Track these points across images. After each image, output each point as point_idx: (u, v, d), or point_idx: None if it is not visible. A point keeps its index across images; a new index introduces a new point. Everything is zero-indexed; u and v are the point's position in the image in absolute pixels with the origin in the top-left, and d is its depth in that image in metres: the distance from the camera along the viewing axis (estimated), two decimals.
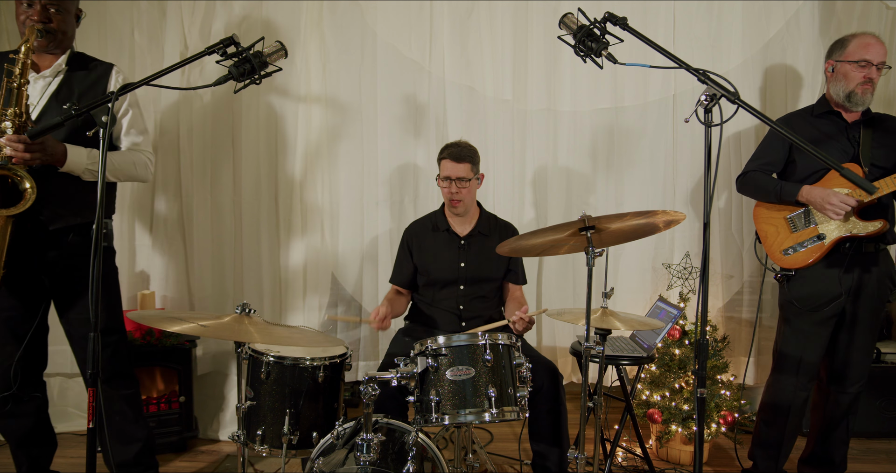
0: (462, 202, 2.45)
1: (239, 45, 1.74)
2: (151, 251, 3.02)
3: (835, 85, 2.33)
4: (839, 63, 2.31)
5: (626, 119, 3.12)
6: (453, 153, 2.41)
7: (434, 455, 1.78)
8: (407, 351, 1.89)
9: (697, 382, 1.54)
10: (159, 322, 1.70)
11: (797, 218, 2.36)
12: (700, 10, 3.05)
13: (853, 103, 2.29)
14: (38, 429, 2.26)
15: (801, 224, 2.35)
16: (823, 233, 2.29)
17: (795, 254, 2.34)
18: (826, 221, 2.29)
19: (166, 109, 2.97)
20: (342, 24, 3.00)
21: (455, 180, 2.41)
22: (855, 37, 2.30)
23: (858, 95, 2.27)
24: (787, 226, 2.38)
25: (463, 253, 2.51)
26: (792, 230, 2.37)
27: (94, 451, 1.55)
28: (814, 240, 2.31)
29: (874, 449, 2.93)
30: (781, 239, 2.39)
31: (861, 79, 2.26)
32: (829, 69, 2.36)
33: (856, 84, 2.27)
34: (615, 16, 1.70)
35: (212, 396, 3.05)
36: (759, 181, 2.42)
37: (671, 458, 2.80)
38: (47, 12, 2.04)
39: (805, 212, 2.34)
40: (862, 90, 2.27)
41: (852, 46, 2.28)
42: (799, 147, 1.57)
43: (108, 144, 1.53)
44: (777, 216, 2.41)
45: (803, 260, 2.33)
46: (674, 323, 2.59)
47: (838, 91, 2.31)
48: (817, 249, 2.30)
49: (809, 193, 2.26)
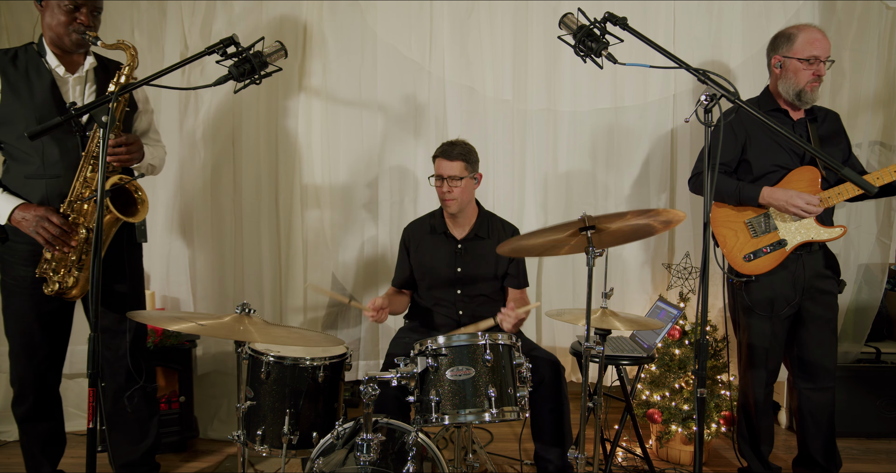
0: (455, 201, 2.38)
1: (239, 45, 1.74)
2: (152, 251, 3.01)
3: (784, 82, 2.28)
4: (787, 59, 2.25)
5: (626, 119, 3.12)
6: (445, 151, 2.38)
7: (434, 455, 1.78)
8: (408, 351, 1.89)
9: (697, 382, 1.55)
10: (159, 321, 1.70)
11: (756, 222, 2.31)
12: (700, 10, 3.05)
13: (803, 101, 2.26)
14: (60, 429, 2.31)
15: (760, 229, 2.30)
16: (784, 239, 2.26)
17: (757, 260, 2.30)
18: (786, 226, 2.26)
19: (167, 109, 2.97)
20: (342, 24, 3.00)
21: (447, 179, 2.36)
22: (801, 31, 2.25)
23: (808, 93, 2.24)
24: (747, 230, 2.33)
25: (459, 257, 2.48)
26: (752, 235, 2.32)
27: (95, 451, 1.55)
28: (775, 246, 2.27)
29: (874, 449, 2.93)
30: (741, 244, 2.33)
31: (811, 77, 2.22)
32: (776, 65, 2.30)
33: (806, 82, 2.23)
34: (615, 16, 1.70)
35: (212, 396, 3.06)
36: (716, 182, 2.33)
37: (671, 458, 2.80)
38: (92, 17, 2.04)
39: (765, 216, 2.30)
40: (811, 88, 2.23)
41: (800, 42, 2.23)
42: (801, 147, 1.58)
43: (106, 143, 1.53)
44: (735, 219, 2.35)
45: (765, 266, 2.29)
46: (674, 323, 2.58)
47: (788, 89, 2.27)
48: (779, 255, 2.27)
49: (771, 195, 2.22)
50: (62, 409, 2.33)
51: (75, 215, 1.99)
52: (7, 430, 2.90)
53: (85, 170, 1.98)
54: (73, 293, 2.04)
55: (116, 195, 2.01)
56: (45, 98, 2.00)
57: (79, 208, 1.99)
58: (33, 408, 2.19)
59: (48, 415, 2.24)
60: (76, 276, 2.01)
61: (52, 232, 1.92)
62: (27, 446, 2.25)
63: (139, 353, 2.28)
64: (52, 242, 1.94)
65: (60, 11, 1.99)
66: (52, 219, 1.93)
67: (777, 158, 2.29)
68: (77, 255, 2.00)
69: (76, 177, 1.98)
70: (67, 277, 2.01)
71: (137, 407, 2.29)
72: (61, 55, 2.07)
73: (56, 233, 1.93)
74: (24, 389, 2.16)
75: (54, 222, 1.93)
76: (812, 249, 2.31)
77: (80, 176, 1.98)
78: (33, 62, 2.03)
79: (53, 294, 2.02)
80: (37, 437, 2.23)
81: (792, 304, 2.32)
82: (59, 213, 1.97)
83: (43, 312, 2.10)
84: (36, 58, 2.04)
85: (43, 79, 2.02)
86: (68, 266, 2.00)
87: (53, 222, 1.93)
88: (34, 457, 2.25)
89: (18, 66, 2.02)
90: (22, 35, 2.85)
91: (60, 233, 1.93)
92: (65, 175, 2.00)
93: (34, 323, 2.11)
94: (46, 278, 2.02)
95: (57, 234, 1.93)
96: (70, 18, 1.99)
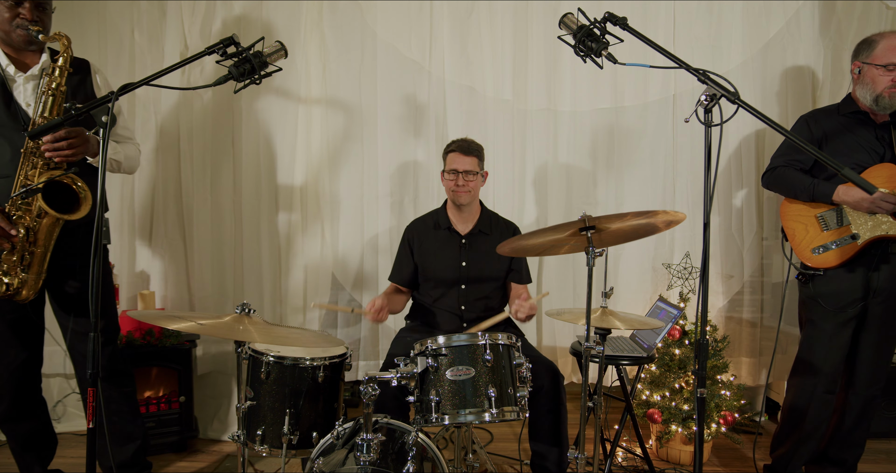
0: (469, 193, 2.45)
1: (239, 45, 1.74)
2: (151, 251, 3.02)
3: (862, 88, 2.26)
4: (866, 66, 2.23)
5: (626, 119, 3.12)
6: (461, 146, 2.44)
7: (434, 455, 1.78)
8: (408, 351, 1.88)
9: (697, 382, 1.54)
10: (159, 320, 1.70)
11: (829, 216, 2.29)
12: (700, 10, 3.05)
13: (881, 107, 2.23)
14: (45, 429, 2.28)
15: (832, 222, 2.28)
16: (857, 233, 2.22)
17: (826, 253, 2.27)
18: (860, 220, 2.22)
19: (166, 109, 2.97)
20: (342, 24, 3.00)
21: (462, 173, 2.42)
22: (883, 37, 2.21)
23: (886, 99, 2.21)
24: (818, 224, 2.31)
25: (464, 251, 2.50)
26: (823, 228, 2.29)
27: (94, 451, 1.55)
28: (846, 240, 2.24)
29: (874, 449, 2.93)
30: (811, 238, 2.31)
31: (889, 83, 2.19)
32: (855, 71, 2.28)
33: (883, 88, 2.20)
34: (615, 16, 1.70)
35: (212, 396, 3.05)
36: (789, 178, 2.34)
37: (671, 458, 2.80)
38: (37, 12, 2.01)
39: (838, 210, 2.27)
40: (890, 94, 2.20)
41: (880, 49, 2.20)
42: (801, 148, 1.57)
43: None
44: (807, 213, 2.33)
45: (834, 260, 2.26)
46: (674, 323, 2.58)
47: (865, 94, 2.25)
48: (850, 249, 2.23)
49: (847, 193, 2.20)
50: (47, 409, 2.31)
51: (20, 213, 1.95)
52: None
53: (25, 167, 1.95)
54: (24, 294, 2.00)
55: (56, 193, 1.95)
56: None
57: (23, 207, 1.95)
58: (12, 409, 2.17)
59: (29, 415, 2.22)
60: (22, 278, 1.98)
61: None
62: (13, 447, 2.24)
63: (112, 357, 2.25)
64: None
65: (3, 7, 1.98)
66: None
67: (856, 157, 2.26)
68: (18, 256, 1.96)
69: (16, 176, 1.95)
70: (14, 279, 1.97)
71: (118, 410, 2.27)
72: (13, 55, 2.05)
73: None
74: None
75: None
76: (891, 250, 2.24)
77: (20, 173, 1.95)
78: None
79: (2, 295, 1.98)
80: (20, 438, 2.22)
81: (859, 304, 2.27)
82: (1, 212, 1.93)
83: (6, 311, 2.08)
84: None
85: None
86: (12, 266, 1.96)
87: None
88: (21, 457, 2.24)
89: None
90: None
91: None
92: (13, 175, 1.97)
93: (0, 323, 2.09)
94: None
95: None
96: (13, 13, 1.98)
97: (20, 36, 2.00)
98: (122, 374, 2.31)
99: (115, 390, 2.26)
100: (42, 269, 2.02)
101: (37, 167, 1.96)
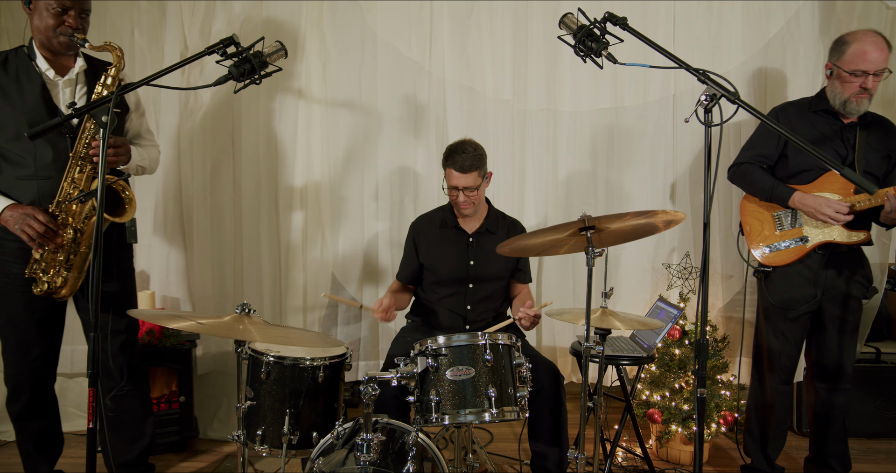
0: (472, 206, 2.39)
1: (239, 45, 1.74)
2: (151, 251, 3.02)
3: (831, 89, 2.28)
4: (836, 69, 2.24)
5: (626, 119, 3.12)
6: (457, 163, 2.30)
7: (434, 455, 1.78)
8: (408, 351, 1.88)
9: (697, 382, 1.54)
10: (159, 319, 1.70)
11: (784, 216, 2.36)
12: (700, 10, 3.05)
13: (848, 111, 2.25)
14: (56, 428, 2.31)
15: (787, 223, 2.35)
16: (807, 236, 2.30)
17: (776, 253, 2.36)
18: (811, 223, 2.29)
19: (166, 109, 2.97)
20: (342, 24, 3.00)
21: (462, 190, 2.34)
22: (855, 40, 2.19)
23: (853, 104, 2.22)
24: (773, 223, 2.38)
25: (472, 250, 2.48)
26: (777, 228, 2.37)
27: (94, 451, 1.55)
28: (796, 242, 2.32)
29: (874, 449, 2.93)
30: (765, 236, 2.40)
31: (856, 89, 2.20)
32: (827, 72, 2.30)
33: (851, 93, 2.21)
34: (615, 16, 1.70)
35: (212, 396, 3.06)
36: (753, 176, 2.40)
37: (671, 458, 2.80)
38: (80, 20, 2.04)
39: (793, 212, 2.34)
40: (857, 100, 2.21)
41: (849, 54, 2.19)
42: (801, 148, 1.57)
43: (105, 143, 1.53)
44: (765, 212, 2.41)
45: (782, 260, 2.35)
46: (674, 323, 2.58)
47: (834, 97, 2.27)
48: (798, 250, 2.32)
49: (802, 200, 2.26)
50: (58, 408, 2.33)
51: (64, 215, 2.00)
52: (7, 430, 2.90)
53: (73, 170, 1.99)
54: (63, 292, 2.06)
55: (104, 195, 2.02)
56: (35, 101, 2.02)
57: (67, 208, 2.00)
58: (28, 407, 2.19)
59: (43, 414, 2.24)
60: (65, 276, 2.03)
61: (38, 229, 1.93)
62: (23, 445, 2.25)
63: (132, 354, 2.30)
64: (37, 240, 1.95)
65: (48, 14, 1.99)
66: (38, 217, 1.94)
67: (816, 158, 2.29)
68: (65, 255, 2.01)
69: (64, 178, 1.99)
70: (56, 277, 2.02)
71: (132, 408, 2.31)
72: (51, 58, 2.07)
73: (41, 230, 1.93)
74: (18, 387, 2.17)
75: (40, 220, 1.94)
76: (838, 250, 2.31)
77: (67, 176, 1.99)
78: (24, 66, 2.04)
79: (43, 293, 2.03)
80: (32, 436, 2.24)
81: (810, 302, 2.33)
82: (47, 213, 1.98)
83: (36, 309, 2.11)
84: (26, 61, 2.05)
85: (33, 82, 2.03)
86: (57, 266, 2.01)
87: (39, 220, 1.94)
88: (31, 456, 2.26)
89: (9, 71, 2.03)
90: (23, 37, 2.85)
91: (45, 230, 1.94)
92: (56, 176, 2.01)
93: (27, 321, 2.11)
94: (36, 278, 2.03)
95: (41, 232, 1.94)
96: (58, 21, 1.99)
97: (62, 42, 2.02)
98: (140, 372, 2.36)
99: (133, 387, 2.30)
100: (83, 269, 2.07)
101: (84, 171, 2.00)
